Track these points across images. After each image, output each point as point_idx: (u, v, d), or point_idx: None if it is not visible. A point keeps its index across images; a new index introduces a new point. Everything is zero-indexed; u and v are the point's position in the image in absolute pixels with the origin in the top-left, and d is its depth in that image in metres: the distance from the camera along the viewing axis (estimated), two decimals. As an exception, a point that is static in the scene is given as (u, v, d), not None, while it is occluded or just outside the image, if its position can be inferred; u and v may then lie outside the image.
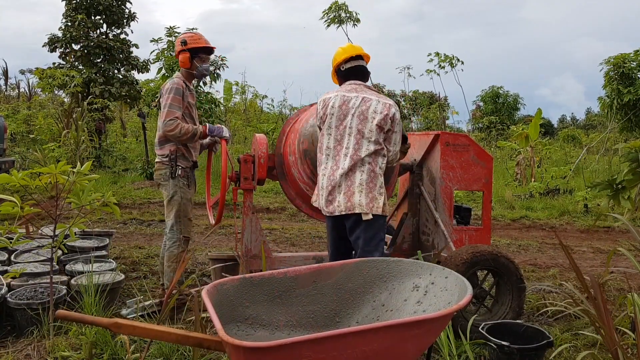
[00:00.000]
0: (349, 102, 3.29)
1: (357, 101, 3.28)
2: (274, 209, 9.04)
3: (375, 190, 3.19)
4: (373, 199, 3.17)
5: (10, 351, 3.15)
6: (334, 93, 3.37)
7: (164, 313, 2.88)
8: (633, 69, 12.55)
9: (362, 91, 3.33)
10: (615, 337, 2.38)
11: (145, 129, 11.84)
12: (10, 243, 3.42)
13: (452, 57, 16.04)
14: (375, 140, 3.22)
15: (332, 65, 3.52)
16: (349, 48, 3.49)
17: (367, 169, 3.20)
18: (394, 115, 3.25)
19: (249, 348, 1.79)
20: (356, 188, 3.18)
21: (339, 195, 3.21)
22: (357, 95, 3.30)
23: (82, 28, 13.19)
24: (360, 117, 3.24)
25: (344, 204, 3.19)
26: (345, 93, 3.33)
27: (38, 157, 11.04)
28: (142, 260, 5.48)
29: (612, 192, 3.59)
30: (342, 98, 3.31)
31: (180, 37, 4.13)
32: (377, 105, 3.25)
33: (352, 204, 3.16)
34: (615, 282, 4.96)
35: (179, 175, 3.96)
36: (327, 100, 3.36)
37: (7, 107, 15.83)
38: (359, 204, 3.15)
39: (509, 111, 23.80)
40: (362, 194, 3.16)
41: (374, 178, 3.20)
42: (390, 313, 2.46)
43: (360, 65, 3.45)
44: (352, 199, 3.17)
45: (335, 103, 3.31)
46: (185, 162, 4.01)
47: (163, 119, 3.85)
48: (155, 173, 4.04)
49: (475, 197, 10.01)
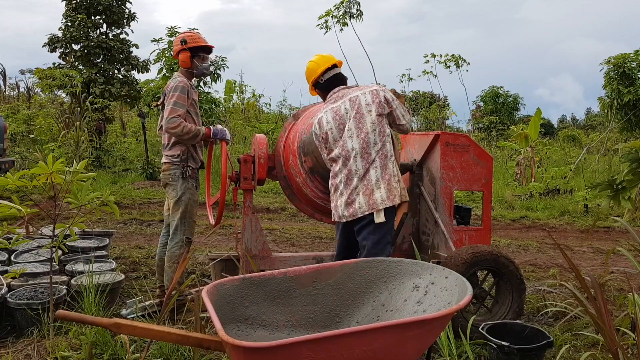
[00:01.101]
0: (340, 110, 3.36)
1: (347, 104, 3.35)
2: (274, 209, 9.04)
3: (391, 179, 3.26)
4: (391, 190, 3.24)
5: (10, 351, 3.15)
6: (323, 111, 3.45)
7: (163, 313, 2.88)
8: (633, 69, 12.55)
9: (345, 95, 3.40)
10: (615, 337, 2.38)
11: (145, 129, 11.84)
12: (9, 244, 3.42)
13: (459, 57, 16.05)
14: (380, 131, 3.27)
15: (309, 81, 3.59)
16: (321, 60, 3.54)
17: (379, 163, 3.25)
18: (385, 96, 3.34)
19: (248, 348, 1.79)
20: (374, 185, 3.23)
21: (358, 196, 3.25)
22: (344, 100, 3.37)
23: (82, 28, 13.18)
24: (357, 116, 3.29)
25: (365, 203, 3.23)
26: (333, 105, 3.41)
27: (38, 157, 11.03)
28: (142, 260, 5.48)
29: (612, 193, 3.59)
30: (332, 111, 3.39)
31: (179, 36, 4.13)
32: (366, 97, 3.32)
33: (374, 201, 3.21)
34: (615, 282, 4.95)
35: (189, 176, 3.97)
36: (320, 120, 3.42)
37: (7, 107, 15.82)
38: (382, 199, 3.21)
39: (509, 111, 23.79)
40: (381, 189, 3.22)
41: (386, 168, 3.26)
42: (390, 313, 2.46)
43: (337, 73, 3.54)
44: (373, 197, 3.22)
45: (328, 118, 3.38)
46: (194, 163, 4.03)
47: (166, 116, 3.85)
48: (163, 173, 4.03)
49: (475, 197, 10.00)
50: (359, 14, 14.69)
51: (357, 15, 14.69)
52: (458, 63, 16.09)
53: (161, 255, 4.14)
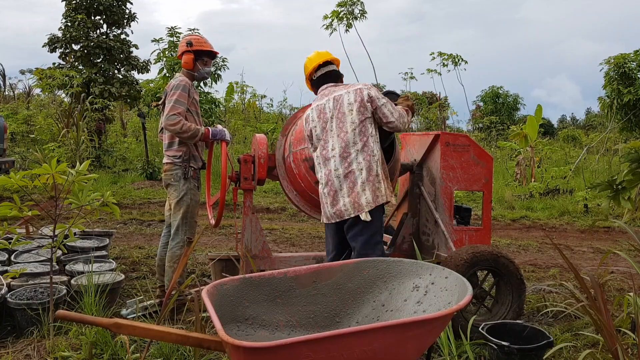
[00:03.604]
0: (324, 108, 3.37)
1: (330, 103, 3.34)
2: (274, 209, 9.04)
3: (375, 180, 3.21)
4: (376, 191, 3.20)
5: (10, 351, 3.15)
6: (310, 109, 3.47)
7: (163, 313, 2.88)
8: (633, 69, 12.56)
9: (331, 93, 3.39)
10: (615, 337, 2.38)
11: (145, 129, 11.84)
12: (9, 244, 3.42)
13: (456, 56, 16.06)
14: (361, 130, 3.23)
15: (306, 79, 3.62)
16: (315, 57, 3.55)
17: (364, 165, 3.21)
18: (369, 95, 3.27)
19: (248, 348, 1.79)
20: (359, 188, 3.19)
21: (343, 198, 3.23)
22: (329, 99, 3.37)
23: (82, 28, 13.19)
24: (339, 115, 3.28)
25: (350, 206, 3.20)
26: (318, 102, 3.43)
27: (38, 157, 11.03)
28: (142, 260, 5.48)
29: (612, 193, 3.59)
30: (317, 109, 3.40)
31: (186, 38, 4.16)
32: (349, 96, 3.29)
33: (360, 204, 3.18)
34: (615, 283, 4.95)
35: (191, 177, 3.98)
36: (307, 118, 3.45)
37: (7, 107, 15.83)
38: (367, 202, 3.18)
39: (509, 111, 23.81)
40: (367, 191, 3.19)
41: (371, 169, 3.21)
42: (390, 313, 2.46)
43: (330, 71, 3.52)
44: (359, 200, 3.19)
45: (314, 116, 3.41)
46: (195, 163, 4.03)
47: (167, 113, 3.85)
48: (164, 174, 4.04)
49: (475, 197, 10.01)
50: (362, 14, 14.70)
51: (360, 16, 14.70)
52: (456, 62, 16.09)
53: (162, 255, 4.14)
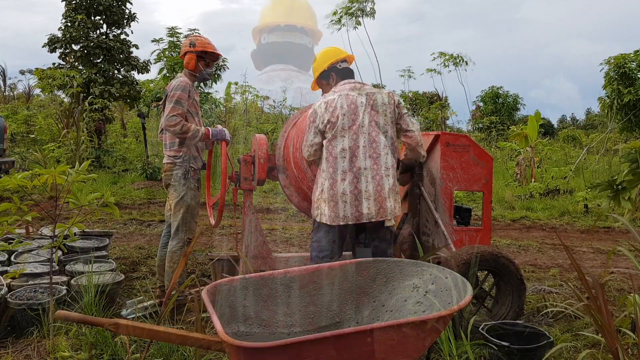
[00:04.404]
0: (356, 100, 3.23)
1: (363, 99, 3.23)
2: (274, 209, 9.04)
3: (396, 187, 3.26)
4: (397, 201, 3.23)
5: (10, 351, 3.15)
6: (335, 94, 3.27)
7: (163, 313, 2.88)
8: (633, 69, 12.56)
9: (362, 88, 3.31)
10: (616, 337, 2.37)
11: (145, 129, 11.84)
12: (9, 246, 3.42)
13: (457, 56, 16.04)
14: (391, 135, 3.25)
15: (323, 67, 3.43)
16: (338, 50, 3.53)
17: (392, 173, 3.22)
18: (399, 101, 3.33)
19: (248, 348, 1.79)
20: (387, 194, 3.17)
21: (368, 200, 3.15)
22: (360, 92, 3.27)
23: (82, 28, 13.19)
24: (372, 113, 3.22)
25: (375, 210, 3.15)
26: (349, 92, 3.25)
27: (38, 157, 11.04)
28: (142, 261, 5.47)
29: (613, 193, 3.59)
30: (347, 97, 3.23)
31: (189, 38, 4.16)
32: (382, 96, 3.27)
33: (385, 210, 3.16)
34: (615, 283, 4.95)
35: (191, 177, 3.97)
36: (331, 102, 3.22)
37: (7, 107, 15.84)
38: (392, 209, 3.18)
39: (509, 111, 23.79)
40: (391, 199, 3.19)
41: (395, 176, 3.25)
42: (390, 313, 2.45)
43: (350, 67, 3.52)
44: (385, 205, 3.16)
45: (343, 103, 3.20)
46: (196, 163, 4.03)
47: (166, 113, 3.85)
48: (165, 174, 4.04)
49: (475, 197, 10.01)
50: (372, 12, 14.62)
51: (370, 14, 14.60)
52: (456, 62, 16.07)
53: (162, 255, 4.14)
